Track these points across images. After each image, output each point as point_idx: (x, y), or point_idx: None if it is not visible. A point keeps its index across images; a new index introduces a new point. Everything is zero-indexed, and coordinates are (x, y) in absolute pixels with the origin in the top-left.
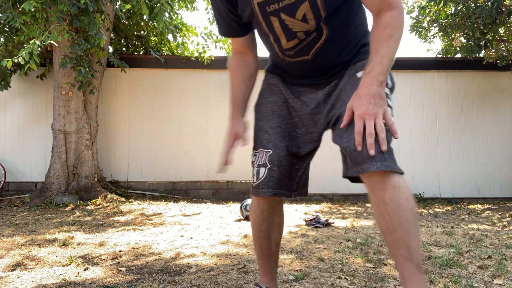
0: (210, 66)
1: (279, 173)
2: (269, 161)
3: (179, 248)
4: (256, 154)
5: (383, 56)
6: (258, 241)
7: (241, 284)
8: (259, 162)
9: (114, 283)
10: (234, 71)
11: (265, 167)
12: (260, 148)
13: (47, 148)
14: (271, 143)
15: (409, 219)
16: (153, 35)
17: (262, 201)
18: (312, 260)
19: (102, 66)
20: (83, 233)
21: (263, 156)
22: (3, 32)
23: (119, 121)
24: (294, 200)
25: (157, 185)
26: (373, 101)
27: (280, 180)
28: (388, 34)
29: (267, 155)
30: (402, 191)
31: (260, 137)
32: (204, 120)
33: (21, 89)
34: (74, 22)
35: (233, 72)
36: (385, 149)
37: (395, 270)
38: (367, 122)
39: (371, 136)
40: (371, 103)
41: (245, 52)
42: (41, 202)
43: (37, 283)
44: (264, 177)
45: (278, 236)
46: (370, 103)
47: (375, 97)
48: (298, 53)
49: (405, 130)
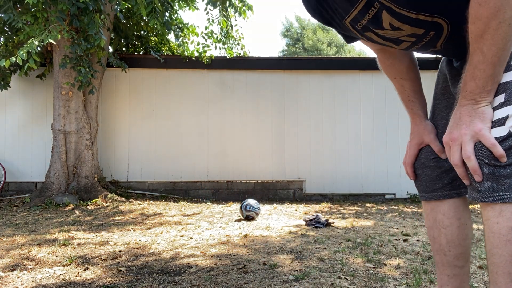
0: (210, 66)
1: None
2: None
3: (179, 248)
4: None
5: (476, 66)
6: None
7: (241, 284)
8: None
9: (114, 283)
10: (388, 71)
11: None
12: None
13: (47, 148)
14: None
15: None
16: (153, 35)
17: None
18: (312, 260)
19: (102, 66)
20: (83, 233)
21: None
22: (3, 32)
23: (119, 121)
24: (294, 200)
25: (157, 185)
26: (459, 122)
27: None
28: (477, 32)
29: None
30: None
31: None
32: (204, 120)
33: (21, 89)
34: (74, 22)
35: (388, 73)
36: (479, 179)
37: (395, 270)
38: (452, 149)
39: (457, 166)
40: (455, 126)
41: (382, 47)
42: (41, 202)
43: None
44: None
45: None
46: (454, 126)
47: (462, 117)
48: (421, 48)
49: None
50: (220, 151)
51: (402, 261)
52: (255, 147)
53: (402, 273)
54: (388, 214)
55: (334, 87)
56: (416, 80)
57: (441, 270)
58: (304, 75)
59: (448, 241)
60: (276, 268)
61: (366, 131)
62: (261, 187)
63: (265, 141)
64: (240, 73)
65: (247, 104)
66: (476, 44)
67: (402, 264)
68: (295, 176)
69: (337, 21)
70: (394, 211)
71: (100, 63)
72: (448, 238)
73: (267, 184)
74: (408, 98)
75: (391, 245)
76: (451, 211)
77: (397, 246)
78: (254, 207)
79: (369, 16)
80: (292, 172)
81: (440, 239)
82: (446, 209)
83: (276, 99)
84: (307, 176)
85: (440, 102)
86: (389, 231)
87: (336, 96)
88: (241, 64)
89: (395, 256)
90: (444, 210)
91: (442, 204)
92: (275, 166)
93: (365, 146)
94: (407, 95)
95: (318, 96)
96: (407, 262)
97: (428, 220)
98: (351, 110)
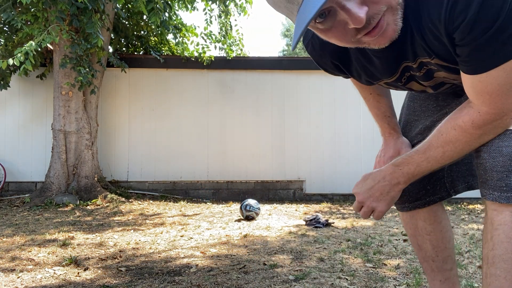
0: (210, 66)
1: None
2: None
3: (179, 248)
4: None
5: (428, 159)
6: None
7: (241, 284)
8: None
9: (114, 283)
10: (363, 88)
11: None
12: None
13: (47, 148)
14: None
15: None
16: (153, 35)
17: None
18: (312, 260)
19: (102, 66)
20: (83, 233)
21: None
22: (3, 32)
23: (119, 121)
24: (294, 200)
25: (157, 185)
26: (375, 193)
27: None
28: (452, 138)
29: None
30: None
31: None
32: (204, 120)
33: (21, 89)
34: (74, 22)
35: (364, 90)
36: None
37: (395, 270)
38: (363, 209)
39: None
40: (371, 194)
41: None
42: (41, 202)
43: (37, 283)
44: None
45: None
46: (371, 194)
47: (376, 191)
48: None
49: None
50: (220, 151)
51: (402, 261)
52: (255, 147)
53: (402, 273)
54: (388, 214)
55: (334, 87)
56: (390, 96)
57: (432, 277)
58: (304, 75)
59: (434, 246)
60: (276, 268)
61: (366, 131)
62: (261, 187)
63: (265, 141)
64: (240, 73)
65: (247, 104)
66: (442, 143)
67: (402, 264)
68: (295, 176)
69: (361, 81)
70: (394, 211)
71: (100, 63)
72: (434, 244)
73: (267, 184)
74: (385, 114)
75: (391, 245)
76: (431, 216)
77: (397, 246)
78: (254, 207)
79: (420, 73)
80: (292, 172)
81: (426, 246)
82: (426, 215)
83: (276, 99)
84: (307, 176)
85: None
86: (389, 231)
87: (336, 96)
88: (241, 64)
89: (395, 256)
90: (425, 216)
91: (421, 210)
92: (275, 166)
93: (365, 146)
94: (383, 111)
95: (318, 96)
96: (407, 262)
97: (409, 228)
98: (351, 110)
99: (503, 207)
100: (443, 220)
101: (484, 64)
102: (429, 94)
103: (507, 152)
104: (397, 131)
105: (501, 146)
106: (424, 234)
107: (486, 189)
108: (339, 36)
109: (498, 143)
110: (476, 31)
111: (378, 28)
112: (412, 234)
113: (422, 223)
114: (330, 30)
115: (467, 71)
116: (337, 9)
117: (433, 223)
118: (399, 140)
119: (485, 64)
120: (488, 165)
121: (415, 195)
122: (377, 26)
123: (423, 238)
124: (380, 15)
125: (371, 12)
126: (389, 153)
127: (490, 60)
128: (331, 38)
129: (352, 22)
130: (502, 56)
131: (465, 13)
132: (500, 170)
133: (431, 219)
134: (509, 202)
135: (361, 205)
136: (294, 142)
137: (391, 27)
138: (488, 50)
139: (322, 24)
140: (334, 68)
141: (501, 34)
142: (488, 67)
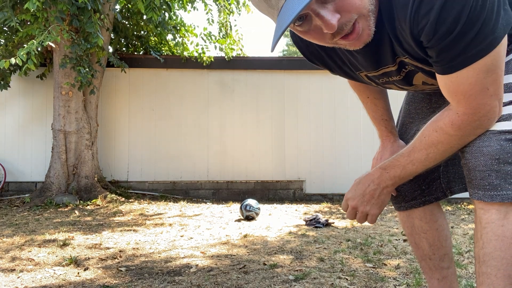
0: (210, 66)
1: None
2: None
3: (179, 248)
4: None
5: (412, 161)
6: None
7: (241, 284)
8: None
9: (114, 283)
10: (361, 91)
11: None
12: None
13: (47, 148)
14: None
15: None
16: (153, 35)
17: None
18: (312, 260)
19: (102, 66)
20: (83, 233)
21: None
22: (3, 32)
23: (119, 121)
24: (294, 200)
25: (157, 185)
26: (366, 198)
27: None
28: (434, 140)
29: None
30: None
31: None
32: (204, 120)
33: (21, 89)
34: (74, 22)
35: (361, 93)
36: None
37: (395, 270)
38: (358, 214)
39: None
40: (363, 199)
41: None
42: (41, 202)
43: (37, 283)
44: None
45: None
46: (363, 199)
47: (367, 195)
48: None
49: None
50: (220, 151)
51: (402, 261)
52: (255, 147)
53: (402, 273)
54: (388, 214)
55: (334, 87)
56: (387, 99)
57: (430, 275)
58: (304, 75)
59: (430, 245)
60: (276, 268)
61: (367, 131)
62: (261, 187)
63: (265, 141)
64: (240, 73)
65: (247, 104)
66: (426, 146)
67: (402, 264)
68: (295, 176)
69: (344, 69)
70: (394, 211)
71: (100, 63)
72: (430, 242)
73: (267, 184)
74: (382, 117)
75: (391, 245)
76: (427, 215)
77: (397, 246)
78: (254, 207)
79: (399, 76)
80: (292, 172)
81: (423, 244)
82: (422, 214)
83: (276, 99)
84: (307, 176)
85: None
86: (389, 231)
87: (336, 96)
88: (241, 64)
89: (395, 256)
90: (420, 215)
91: (417, 210)
92: (275, 166)
93: (366, 146)
94: (380, 114)
95: (318, 96)
96: (407, 262)
97: (406, 227)
98: (351, 110)
99: (489, 206)
100: (439, 219)
101: (453, 64)
102: (424, 96)
103: (488, 151)
104: (394, 134)
105: (481, 146)
106: (420, 232)
107: (472, 188)
108: (317, 38)
109: (479, 143)
110: (440, 33)
111: (355, 34)
112: (409, 233)
113: (419, 222)
114: (308, 32)
115: (439, 72)
116: (312, 15)
117: (429, 221)
118: (396, 143)
119: (454, 64)
120: (471, 165)
121: (411, 195)
122: (354, 32)
123: (420, 236)
124: (352, 22)
125: (343, 19)
126: (385, 155)
127: (459, 60)
128: (310, 39)
129: (325, 28)
130: (470, 56)
131: (428, 16)
132: (482, 169)
133: (427, 218)
134: (493, 200)
135: (355, 211)
136: (294, 142)
137: (366, 32)
138: (455, 50)
139: (300, 27)
140: (319, 59)
141: (466, 34)
142: (457, 67)
